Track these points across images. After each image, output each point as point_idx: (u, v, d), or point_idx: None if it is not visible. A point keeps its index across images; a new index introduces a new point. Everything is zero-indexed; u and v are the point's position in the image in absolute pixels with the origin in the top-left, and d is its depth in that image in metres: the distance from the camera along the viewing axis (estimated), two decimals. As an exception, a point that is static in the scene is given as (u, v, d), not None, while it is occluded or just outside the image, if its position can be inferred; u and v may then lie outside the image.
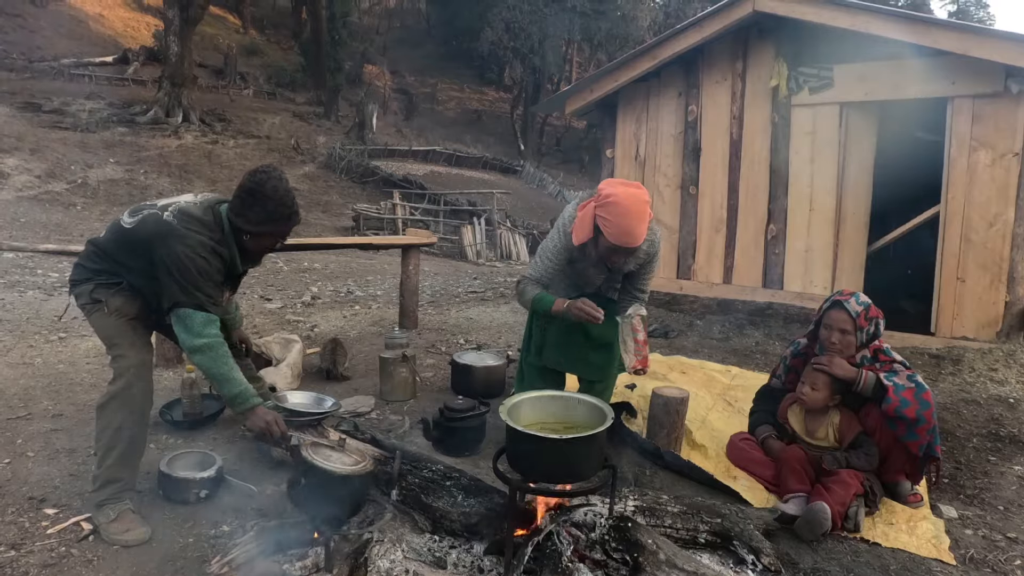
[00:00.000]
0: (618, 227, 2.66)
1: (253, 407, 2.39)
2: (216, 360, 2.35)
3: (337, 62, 28.57)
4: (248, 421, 2.41)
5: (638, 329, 2.85)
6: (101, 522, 2.36)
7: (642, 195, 2.72)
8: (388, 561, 2.13)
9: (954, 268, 5.07)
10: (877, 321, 2.88)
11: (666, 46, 6.11)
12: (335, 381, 4.24)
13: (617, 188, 2.73)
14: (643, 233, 2.71)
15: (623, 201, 2.67)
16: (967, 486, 3.05)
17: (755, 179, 5.96)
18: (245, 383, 2.40)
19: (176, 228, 2.34)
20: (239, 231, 2.44)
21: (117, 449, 2.41)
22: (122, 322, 2.49)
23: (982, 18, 38.98)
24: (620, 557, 2.10)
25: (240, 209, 2.40)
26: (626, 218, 2.66)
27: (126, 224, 2.44)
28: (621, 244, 2.70)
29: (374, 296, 8.24)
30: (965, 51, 4.74)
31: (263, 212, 2.39)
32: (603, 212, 2.70)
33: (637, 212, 2.67)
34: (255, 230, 2.43)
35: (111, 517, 2.36)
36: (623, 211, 2.66)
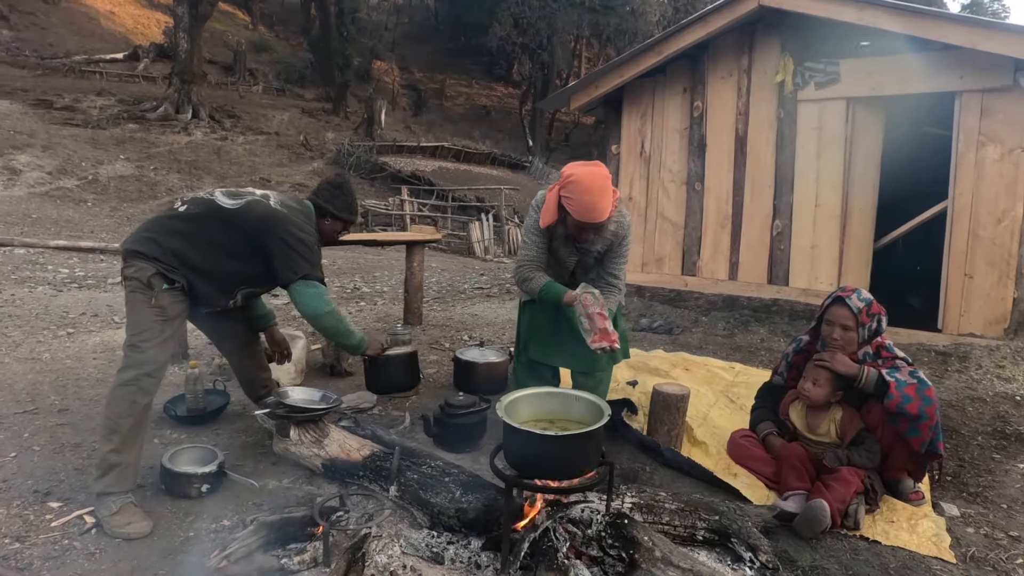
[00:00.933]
0: (580, 203, 2.77)
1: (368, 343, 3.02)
2: (341, 320, 2.85)
3: (346, 58, 28.65)
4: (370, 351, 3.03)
5: (587, 304, 2.80)
6: (103, 515, 2.38)
7: (601, 171, 2.82)
8: (386, 556, 2.14)
9: (961, 264, 5.03)
10: (879, 317, 2.86)
11: (671, 41, 6.08)
12: (338, 377, 4.26)
13: (577, 168, 2.84)
14: (606, 208, 2.79)
15: (583, 179, 2.77)
16: (970, 484, 3.03)
17: (761, 175, 5.93)
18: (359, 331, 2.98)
19: (290, 215, 2.72)
20: (322, 216, 2.92)
21: (118, 434, 2.45)
22: (160, 320, 2.57)
23: (996, 11, 38.54)
24: (616, 554, 2.10)
25: (328, 197, 2.94)
26: (588, 194, 2.76)
27: (227, 205, 2.66)
28: (585, 220, 2.80)
29: (380, 292, 8.27)
30: (974, 45, 4.69)
31: (344, 201, 2.98)
32: (566, 192, 2.80)
33: (598, 188, 2.76)
34: (339, 215, 2.97)
35: (113, 510, 2.38)
36: (584, 188, 2.76)
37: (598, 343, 2.73)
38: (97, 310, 5.98)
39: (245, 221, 2.66)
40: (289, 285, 2.70)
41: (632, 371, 4.15)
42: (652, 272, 6.60)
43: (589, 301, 2.82)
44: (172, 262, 2.59)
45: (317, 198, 2.94)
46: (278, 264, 2.68)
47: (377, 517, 2.42)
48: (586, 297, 2.84)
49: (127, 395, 2.49)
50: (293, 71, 31.60)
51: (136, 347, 2.53)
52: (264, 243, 2.67)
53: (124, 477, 2.46)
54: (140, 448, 2.56)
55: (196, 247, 2.63)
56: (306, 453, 2.85)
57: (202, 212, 2.67)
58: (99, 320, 5.63)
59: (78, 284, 7.30)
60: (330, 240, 3.01)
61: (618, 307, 3.30)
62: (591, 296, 2.84)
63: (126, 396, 2.49)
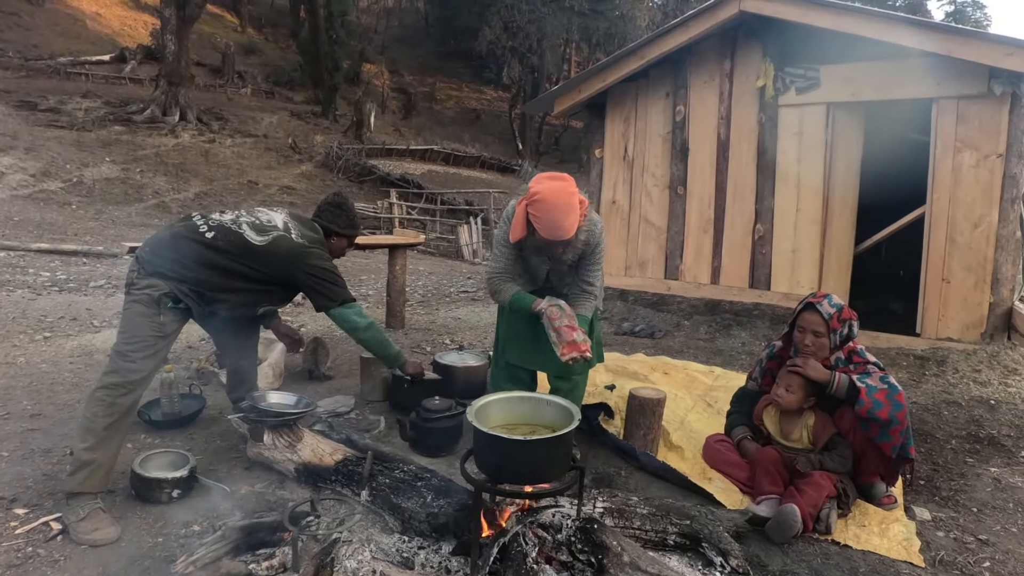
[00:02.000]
0: (546, 222, 2.77)
1: (406, 359, 3.27)
2: (380, 332, 3.11)
3: (335, 61, 28.58)
4: (408, 368, 3.30)
5: (554, 318, 2.84)
6: (70, 520, 2.36)
7: (567, 187, 2.81)
8: (355, 561, 2.13)
9: (939, 269, 5.07)
10: (851, 323, 2.88)
11: (653, 46, 6.10)
12: (317, 381, 4.24)
13: (543, 184, 2.83)
14: (572, 224, 2.79)
15: (548, 197, 2.77)
16: (943, 488, 3.05)
17: (743, 179, 5.96)
18: (396, 346, 3.23)
19: (311, 248, 2.92)
20: (328, 236, 3.09)
21: (93, 433, 2.45)
22: (156, 336, 2.62)
23: (979, 19, 39.02)
24: (585, 559, 2.10)
25: (331, 218, 3.11)
26: (552, 212, 2.76)
27: (256, 241, 2.81)
28: (553, 238, 2.80)
29: (365, 296, 8.24)
30: (949, 52, 4.74)
31: (347, 219, 3.14)
32: (532, 209, 2.81)
33: (563, 205, 2.76)
34: (344, 233, 3.14)
35: (80, 516, 2.36)
36: (549, 207, 2.76)
37: (568, 355, 2.77)
38: (76, 314, 5.92)
39: (273, 256, 2.82)
40: (329, 311, 2.96)
41: (611, 375, 4.15)
42: (635, 276, 6.62)
43: (555, 314, 2.86)
44: (192, 289, 2.67)
45: (321, 219, 3.10)
46: (313, 296, 2.94)
47: (348, 522, 2.41)
48: (552, 311, 2.87)
49: (106, 397, 2.50)
50: (282, 73, 31.51)
51: (125, 355, 2.54)
52: (293, 277, 2.89)
53: (94, 477, 2.44)
54: (115, 451, 2.54)
55: (223, 277, 2.76)
56: (279, 458, 2.84)
57: (231, 247, 2.76)
58: (78, 324, 5.58)
59: (59, 287, 7.23)
60: (338, 255, 3.16)
61: (595, 312, 3.31)
62: (557, 309, 2.88)
63: (105, 398, 2.49)
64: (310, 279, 2.88)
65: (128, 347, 2.56)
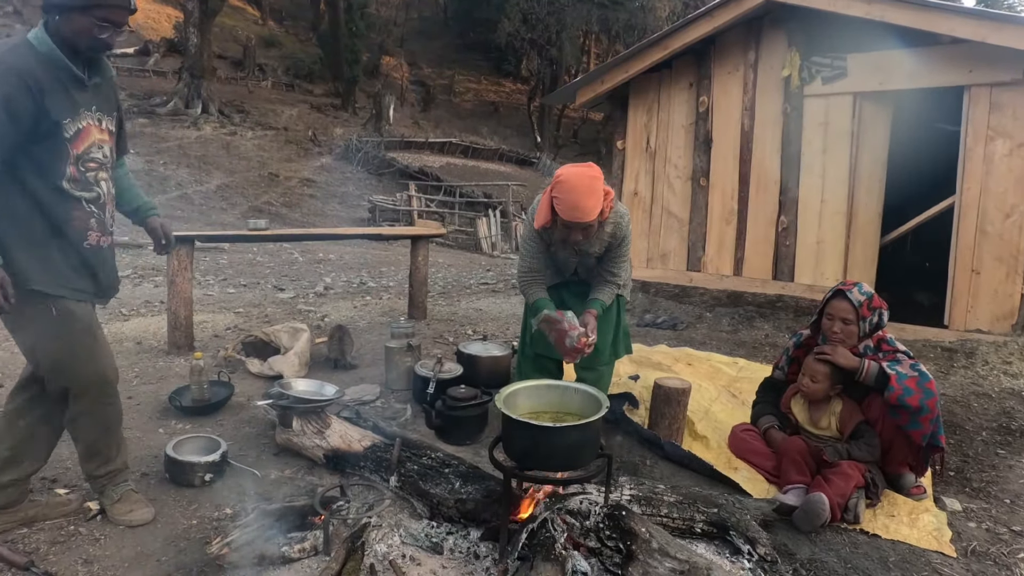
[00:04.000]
0: (568, 203, 2.76)
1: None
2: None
3: (355, 54, 28.71)
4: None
5: (547, 332, 2.98)
6: (105, 504, 2.41)
7: (590, 172, 2.82)
8: (385, 546, 2.17)
9: (969, 260, 4.99)
10: (880, 311, 2.85)
11: (677, 36, 6.06)
12: (342, 370, 4.28)
13: (567, 169, 2.86)
14: (594, 207, 2.77)
15: (570, 178, 2.78)
16: (973, 479, 3.02)
17: (766, 170, 5.91)
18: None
19: None
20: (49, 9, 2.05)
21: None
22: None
23: (1011, 4, 38.08)
24: (614, 545, 2.11)
25: None
26: (573, 193, 2.75)
27: None
28: (571, 219, 2.78)
29: (386, 287, 8.30)
30: (983, 39, 4.65)
31: None
32: (555, 192, 2.81)
33: (584, 187, 2.76)
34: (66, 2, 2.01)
35: (114, 499, 2.40)
36: (571, 187, 2.77)
37: (569, 359, 2.98)
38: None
39: None
40: None
41: (635, 366, 4.15)
42: (657, 268, 6.59)
43: (545, 328, 2.98)
44: None
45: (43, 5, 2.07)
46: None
47: (377, 507, 2.44)
48: (542, 327, 2.99)
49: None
50: (302, 66, 31.70)
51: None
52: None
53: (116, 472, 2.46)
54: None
55: None
56: (308, 444, 2.88)
57: None
58: (107, 312, 5.69)
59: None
60: (93, 45, 2.07)
61: (622, 302, 3.31)
62: (545, 325, 2.98)
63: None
64: None
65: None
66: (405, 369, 3.90)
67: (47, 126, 2.03)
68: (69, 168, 2.11)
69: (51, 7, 2.03)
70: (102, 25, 2.03)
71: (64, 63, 2.05)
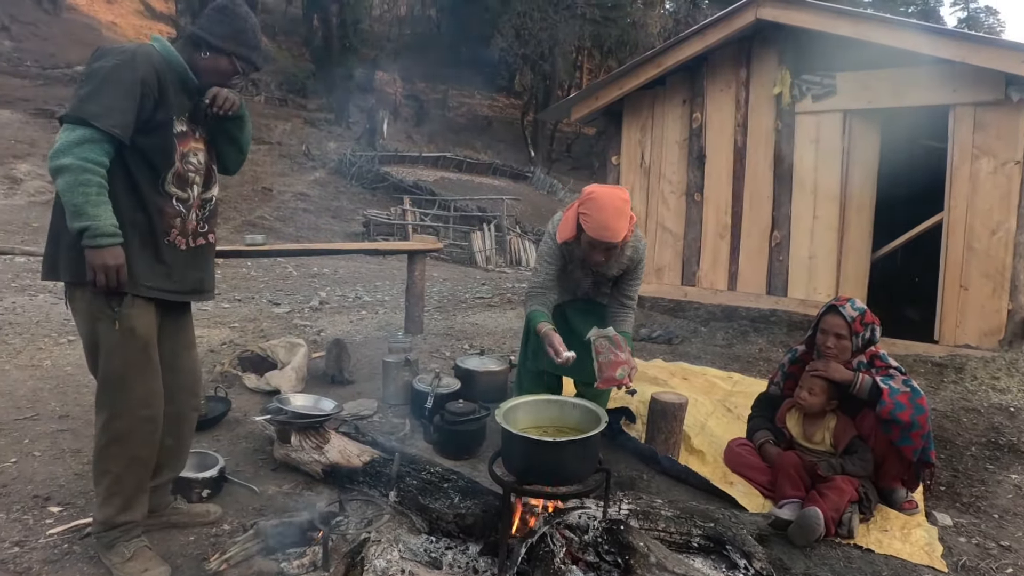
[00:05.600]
0: (597, 221, 2.76)
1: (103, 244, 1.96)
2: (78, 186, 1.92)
3: (348, 69, 28.83)
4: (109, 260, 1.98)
5: (600, 351, 2.90)
6: (115, 562, 2.17)
7: (622, 194, 2.84)
8: (384, 561, 2.16)
9: (957, 276, 5.07)
10: (873, 327, 2.90)
11: (670, 54, 6.15)
12: (339, 385, 4.29)
13: (599, 188, 2.87)
14: (622, 229, 2.78)
15: (602, 198, 2.78)
16: (964, 494, 3.06)
17: (759, 186, 5.98)
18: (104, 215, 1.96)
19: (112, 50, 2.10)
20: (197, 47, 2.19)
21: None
22: None
23: (992, 25, 38.85)
24: (612, 559, 2.13)
25: (206, 23, 2.21)
26: (604, 212, 2.76)
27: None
28: (600, 238, 2.78)
29: (382, 301, 8.31)
30: (964, 59, 4.75)
31: (229, 27, 2.20)
32: (584, 209, 2.82)
33: (615, 208, 2.77)
34: (218, 44, 2.17)
35: (126, 556, 2.18)
36: (601, 206, 2.77)
37: (603, 387, 2.89)
38: (99, 317, 6.01)
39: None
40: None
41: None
42: (652, 282, 6.64)
43: (601, 348, 2.90)
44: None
45: (192, 26, 2.26)
46: None
47: (376, 522, 2.45)
48: (599, 343, 2.91)
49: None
50: (295, 81, 31.80)
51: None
52: None
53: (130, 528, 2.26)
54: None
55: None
56: (307, 459, 2.88)
57: None
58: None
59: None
60: (218, 81, 2.22)
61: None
62: (605, 342, 2.91)
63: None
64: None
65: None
66: (403, 384, 3.91)
67: (162, 118, 2.12)
68: (177, 163, 2.18)
69: (202, 41, 2.19)
70: (237, 70, 2.25)
71: (184, 69, 2.17)
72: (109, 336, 2.11)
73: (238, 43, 2.21)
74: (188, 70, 2.18)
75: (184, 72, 2.17)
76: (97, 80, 1.99)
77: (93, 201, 1.94)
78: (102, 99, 1.98)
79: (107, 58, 2.04)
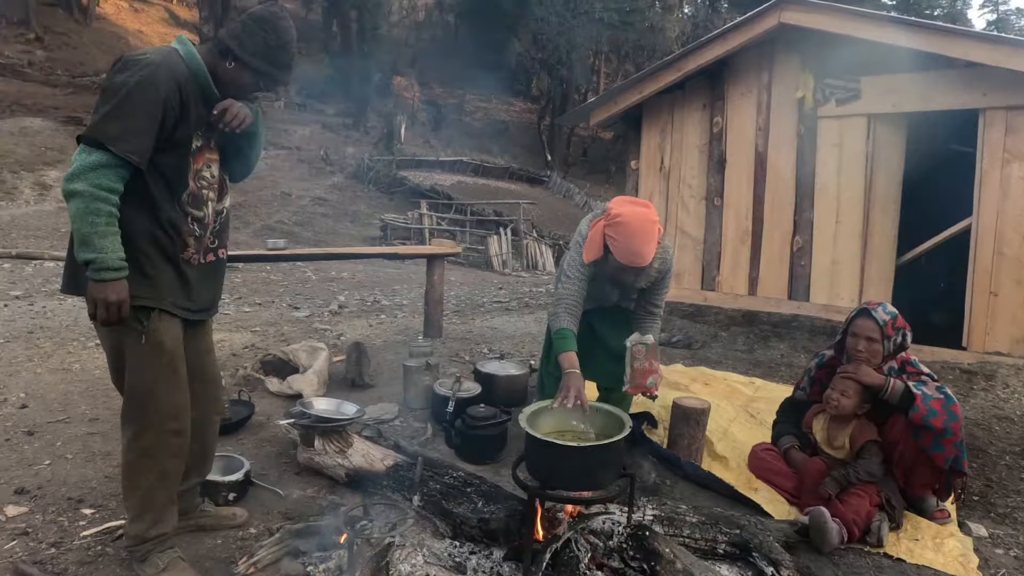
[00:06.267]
0: (626, 247, 2.66)
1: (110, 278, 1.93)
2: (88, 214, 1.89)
3: (366, 74, 29.04)
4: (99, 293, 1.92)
5: (637, 357, 2.88)
6: (149, 574, 2.16)
7: (650, 215, 2.72)
8: (409, 565, 2.17)
9: (986, 282, 4.97)
10: (904, 332, 2.85)
11: (691, 58, 6.12)
12: (360, 389, 4.30)
13: (625, 208, 2.73)
14: (651, 253, 2.69)
15: (631, 221, 2.66)
16: (998, 504, 2.99)
17: (781, 191, 5.93)
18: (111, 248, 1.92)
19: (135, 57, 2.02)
20: (224, 56, 2.12)
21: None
22: None
23: (1023, 28, 38.17)
24: (637, 566, 2.11)
25: (238, 31, 2.11)
26: (634, 239, 2.65)
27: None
28: (629, 264, 2.69)
29: (400, 305, 8.34)
30: (997, 63, 4.67)
31: (261, 41, 2.10)
32: (611, 232, 2.70)
33: (645, 232, 2.66)
34: (245, 59, 2.10)
35: (160, 567, 2.17)
36: (631, 232, 2.65)
37: (633, 392, 2.90)
38: (124, 321, 6.09)
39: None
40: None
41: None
42: (671, 287, 6.56)
43: (639, 353, 2.89)
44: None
45: (224, 31, 2.18)
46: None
47: (400, 527, 2.45)
48: (637, 349, 2.89)
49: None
50: (314, 87, 32.06)
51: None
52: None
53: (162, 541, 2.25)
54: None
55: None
56: (330, 463, 2.90)
57: None
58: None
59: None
60: (236, 94, 2.15)
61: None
62: (642, 348, 2.89)
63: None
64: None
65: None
66: (423, 388, 3.92)
67: (182, 136, 2.07)
68: (190, 183, 2.14)
69: (229, 52, 2.10)
70: (259, 87, 2.18)
71: (207, 81, 2.09)
72: (136, 351, 2.09)
73: (269, 61, 2.12)
74: (210, 81, 2.09)
75: (206, 83, 2.09)
76: (118, 98, 1.92)
77: (101, 232, 1.89)
78: (122, 120, 1.91)
79: (129, 72, 1.95)
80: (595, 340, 3.09)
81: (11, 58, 23.67)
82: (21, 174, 15.46)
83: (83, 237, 1.89)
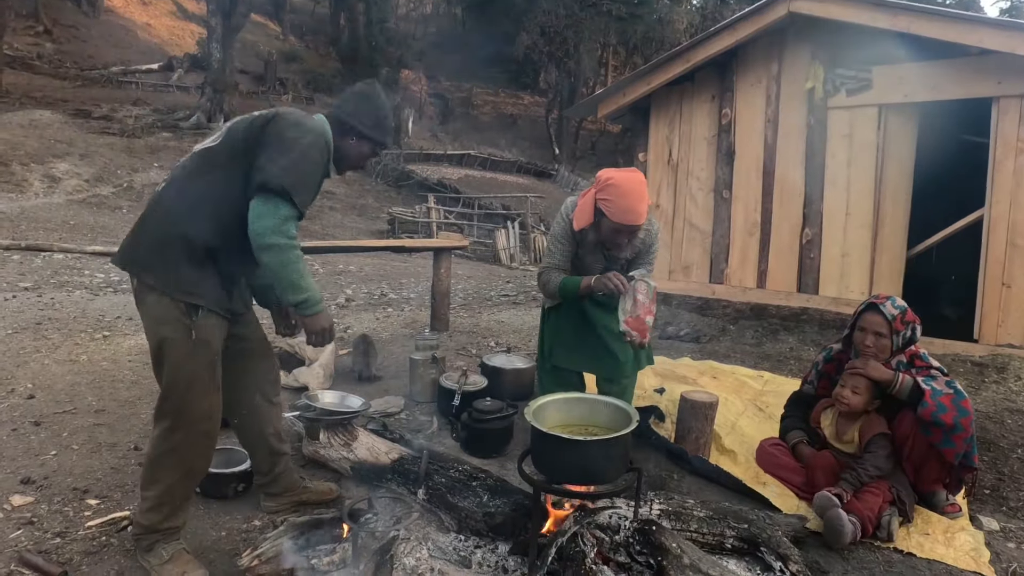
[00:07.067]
0: (620, 206, 2.81)
1: (319, 311, 2.20)
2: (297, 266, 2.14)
3: (374, 67, 28.97)
4: (310, 325, 2.21)
5: (639, 291, 2.81)
6: (153, 564, 2.18)
7: (639, 177, 2.89)
8: (414, 559, 2.16)
9: (999, 274, 4.91)
10: (913, 326, 2.81)
11: (699, 49, 6.06)
12: (366, 382, 4.30)
13: (615, 172, 2.91)
14: (644, 211, 2.84)
15: (623, 183, 2.83)
16: (1010, 498, 2.96)
17: (790, 183, 5.87)
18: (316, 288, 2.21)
19: (290, 116, 2.24)
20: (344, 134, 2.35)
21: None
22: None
23: (1035, 15, 37.65)
24: (644, 560, 2.09)
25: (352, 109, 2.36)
26: (628, 197, 2.81)
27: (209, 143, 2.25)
28: (624, 222, 2.83)
29: (407, 299, 8.33)
30: (1013, 49, 4.59)
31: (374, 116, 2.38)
32: (604, 195, 2.85)
33: (637, 192, 2.83)
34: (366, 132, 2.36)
35: (164, 558, 2.19)
36: (624, 191, 2.82)
37: (627, 327, 2.81)
38: (132, 313, 6.10)
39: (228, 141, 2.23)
40: (256, 193, 2.08)
41: (659, 379, 4.12)
42: (679, 280, 6.56)
43: (642, 289, 2.84)
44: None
45: (339, 111, 2.37)
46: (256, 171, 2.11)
47: (405, 520, 2.43)
48: (640, 284, 2.86)
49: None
50: (322, 80, 32.06)
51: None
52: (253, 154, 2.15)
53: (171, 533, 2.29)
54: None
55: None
56: (335, 456, 2.89)
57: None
58: (134, 324, 5.76)
59: (113, 288, 7.48)
60: (355, 165, 2.44)
61: None
62: (645, 285, 2.86)
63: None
64: (267, 142, 2.14)
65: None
66: (429, 381, 3.91)
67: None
68: None
69: (352, 130, 2.34)
70: (375, 154, 2.46)
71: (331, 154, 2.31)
72: (181, 345, 2.14)
73: (383, 131, 2.39)
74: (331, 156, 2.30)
75: (331, 157, 2.30)
76: (295, 154, 2.11)
77: (302, 274, 2.14)
78: (305, 178, 2.13)
79: (300, 129, 2.16)
80: (586, 326, 3.11)
81: (20, 51, 23.79)
82: (31, 166, 15.53)
83: (291, 283, 2.13)
